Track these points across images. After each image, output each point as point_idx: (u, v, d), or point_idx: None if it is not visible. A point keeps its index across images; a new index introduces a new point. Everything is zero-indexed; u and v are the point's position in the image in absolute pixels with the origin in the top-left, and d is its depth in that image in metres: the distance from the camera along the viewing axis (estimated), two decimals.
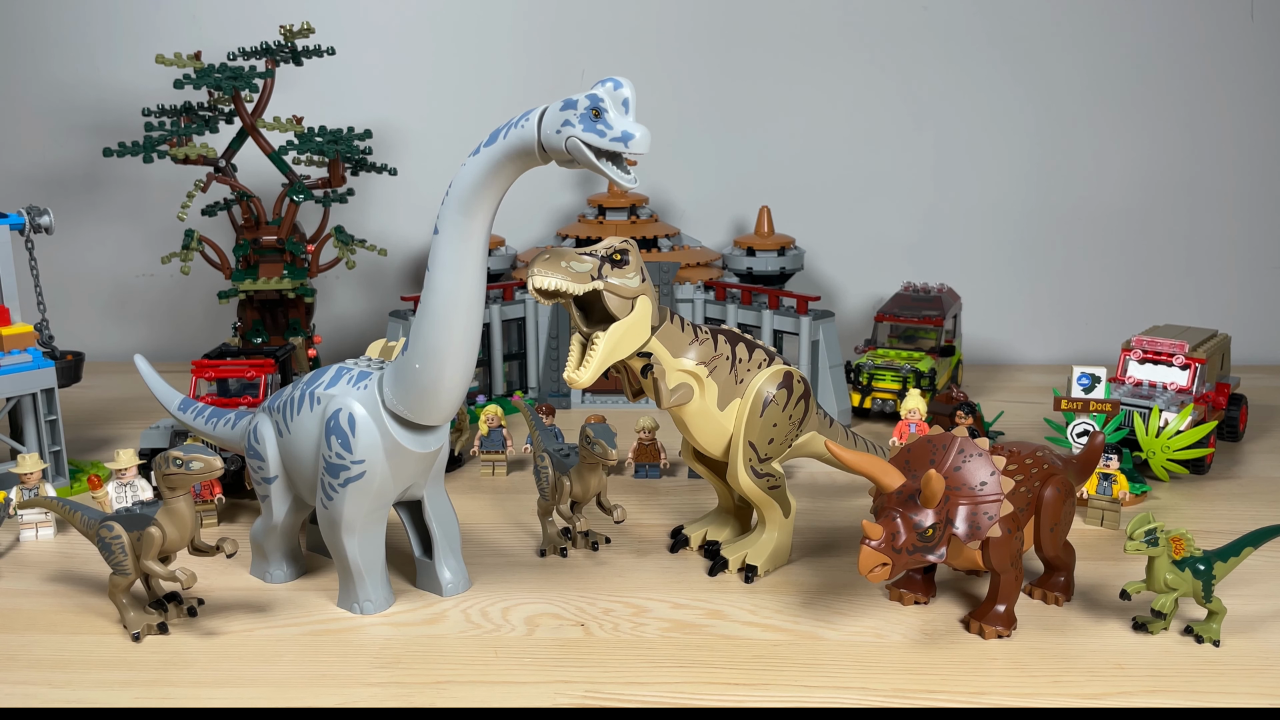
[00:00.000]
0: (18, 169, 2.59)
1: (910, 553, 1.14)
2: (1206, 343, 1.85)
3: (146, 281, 2.69)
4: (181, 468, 1.20)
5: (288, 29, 2.11)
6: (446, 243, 1.14)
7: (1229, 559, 1.24)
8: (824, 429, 1.49)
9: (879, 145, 2.59)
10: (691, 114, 2.58)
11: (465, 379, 1.21)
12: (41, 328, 1.77)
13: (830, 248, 2.63)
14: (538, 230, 2.62)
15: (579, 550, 1.51)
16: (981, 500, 1.18)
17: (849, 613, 1.31)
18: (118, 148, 1.99)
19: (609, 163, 1.06)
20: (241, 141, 2.17)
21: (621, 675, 1.16)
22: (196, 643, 1.24)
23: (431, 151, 2.56)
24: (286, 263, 2.17)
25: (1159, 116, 2.55)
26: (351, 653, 1.22)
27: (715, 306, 2.22)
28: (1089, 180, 2.59)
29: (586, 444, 1.40)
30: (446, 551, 1.37)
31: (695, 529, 1.52)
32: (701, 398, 1.35)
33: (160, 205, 2.54)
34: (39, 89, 2.57)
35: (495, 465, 1.83)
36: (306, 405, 1.29)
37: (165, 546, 1.23)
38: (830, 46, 2.55)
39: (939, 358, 2.18)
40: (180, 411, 1.53)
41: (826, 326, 2.09)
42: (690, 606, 1.33)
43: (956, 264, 2.61)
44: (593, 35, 2.56)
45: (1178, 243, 2.61)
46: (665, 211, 2.62)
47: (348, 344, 2.66)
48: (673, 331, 1.33)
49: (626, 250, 1.25)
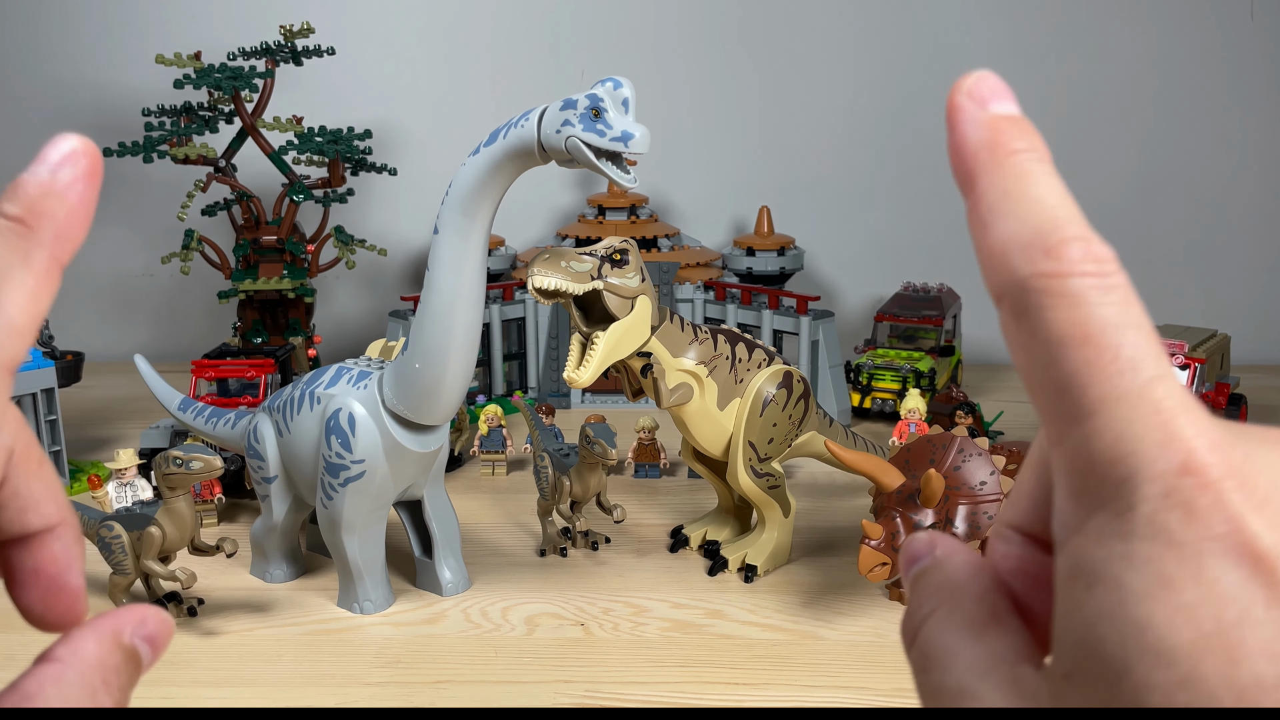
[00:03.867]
0: (18, 169, 2.58)
1: None
2: (1206, 343, 1.85)
3: (146, 281, 2.69)
4: (181, 468, 1.20)
5: (288, 29, 2.11)
6: (446, 242, 1.14)
7: None
8: (824, 429, 1.49)
9: (879, 145, 2.59)
10: (692, 114, 2.58)
11: (465, 379, 1.21)
12: (41, 328, 1.77)
13: (830, 248, 2.63)
14: (538, 230, 2.62)
15: (579, 550, 1.51)
16: (981, 500, 1.18)
17: (849, 613, 1.31)
18: (118, 148, 1.99)
19: (609, 162, 1.06)
20: (241, 141, 2.17)
21: (621, 675, 1.17)
22: (196, 643, 1.24)
23: (431, 151, 2.56)
24: (286, 263, 2.17)
25: (1159, 116, 2.55)
26: (351, 652, 1.22)
27: (715, 306, 2.22)
28: (1088, 180, 2.59)
29: (586, 444, 1.40)
30: (446, 551, 1.37)
31: (695, 529, 1.52)
32: (701, 397, 1.35)
33: (160, 205, 2.54)
34: (39, 89, 2.57)
35: (495, 465, 1.83)
36: (306, 405, 1.29)
37: (165, 546, 1.23)
38: (830, 46, 2.55)
39: (939, 358, 2.18)
40: (180, 411, 1.53)
41: (826, 326, 2.09)
42: (690, 606, 1.33)
43: (956, 264, 2.61)
44: (593, 35, 2.56)
45: (1178, 243, 2.61)
46: (665, 211, 2.62)
47: (348, 344, 2.65)
48: (672, 331, 1.33)
49: (626, 250, 1.25)
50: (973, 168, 0.32)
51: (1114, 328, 0.28)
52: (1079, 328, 0.28)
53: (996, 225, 0.31)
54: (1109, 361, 0.28)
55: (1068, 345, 0.28)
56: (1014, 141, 0.32)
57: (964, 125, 0.33)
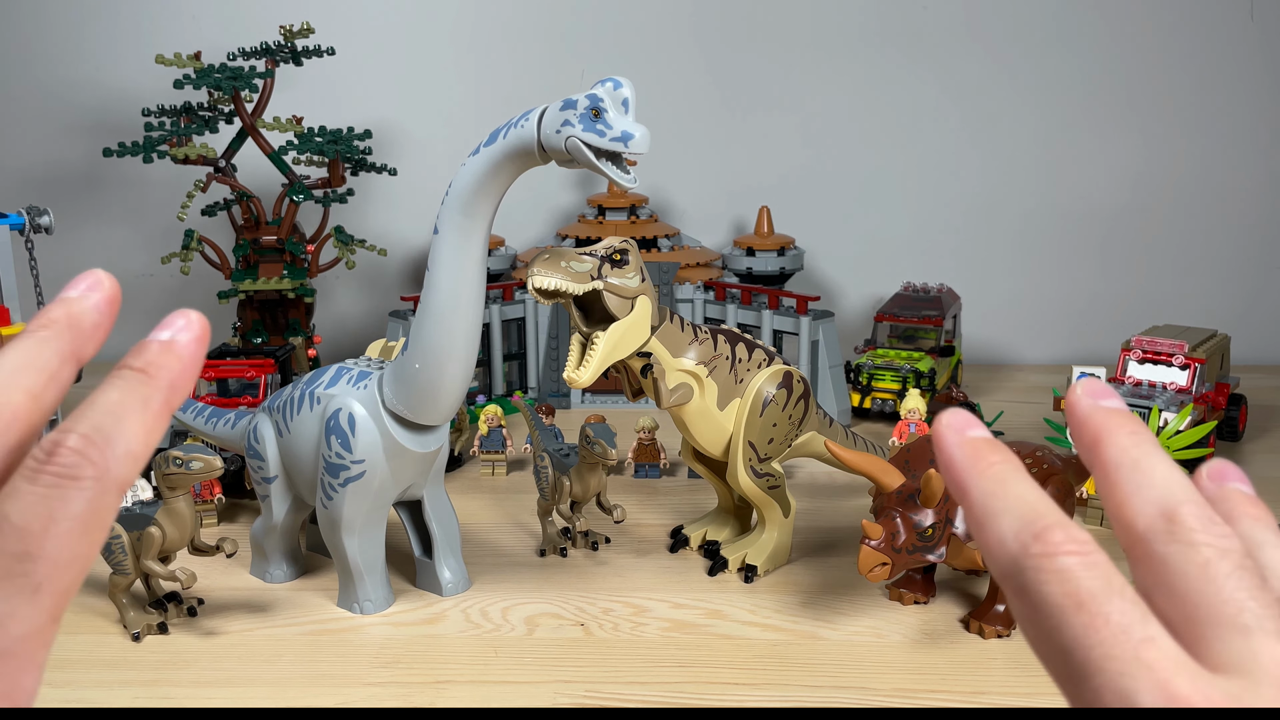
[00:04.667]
0: (18, 169, 2.59)
1: (910, 552, 1.14)
2: (1206, 343, 1.85)
3: (146, 281, 2.69)
4: (181, 468, 1.20)
5: (288, 29, 2.11)
6: (446, 242, 1.14)
7: None
8: (824, 429, 1.49)
9: (879, 145, 2.59)
10: (692, 114, 2.58)
11: (465, 379, 1.21)
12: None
13: (830, 248, 2.63)
14: (538, 230, 2.62)
15: (579, 550, 1.51)
16: None
17: (849, 613, 1.31)
18: (118, 148, 1.99)
19: (609, 162, 1.06)
20: (241, 141, 2.17)
21: (621, 675, 1.17)
22: (196, 642, 1.24)
23: (431, 151, 2.56)
24: (286, 263, 2.17)
25: (1159, 116, 2.55)
26: (351, 652, 1.22)
27: (715, 306, 2.22)
28: (1089, 180, 2.59)
29: (586, 444, 1.40)
30: (446, 551, 1.37)
31: (695, 529, 1.52)
32: (701, 397, 1.35)
33: (160, 205, 2.54)
34: (39, 89, 2.57)
35: (495, 465, 1.83)
36: (306, 405, 1.29)
37: (165, 546, 1.23)
38: (830, 46, 2.55)
39: (939, 358, 2.18)
40: (180, 411, 1.53)
41: (826, 326, 2.09)
42: (690, 606, 1.33)
43: (956, 264, 2.61)
44: (593, 35, 2.56)
45: (1177, 243, 2.61)
46: (665, 211, 2.62)
47: (348, 344, 2.65)
48: (672, 331, 1.33)
49: (626, 250, 1.25)
50: (962, 479, 0.39)
51: (1101, 596, 0.34)
52: (1071, 597, 0.34)
53: (990, 521, 0.37)
54: (1101, 625, 0.33)
55: (1065, 613, 0.34)
56: (991, 455, 0.39)
57: (950, 449, 0.40)
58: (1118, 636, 0.33)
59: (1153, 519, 0.37)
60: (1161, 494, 0.37)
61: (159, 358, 0.41)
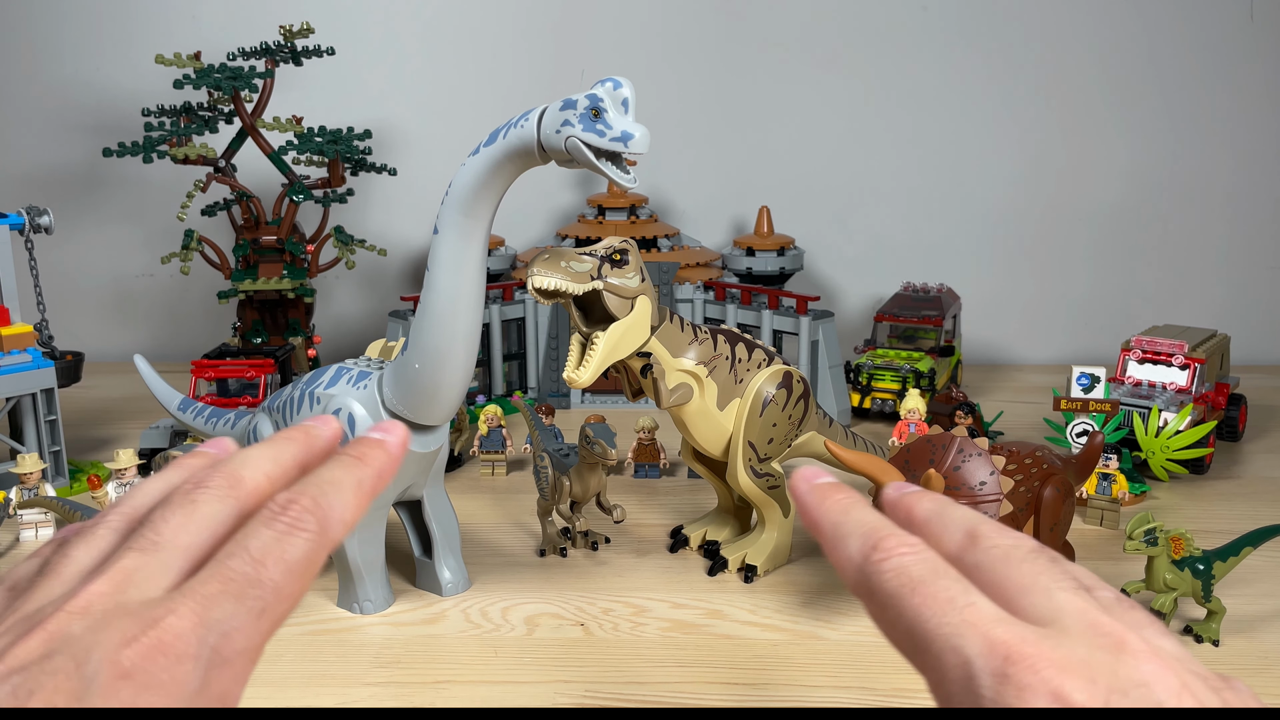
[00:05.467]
0: (18, 169, 2.59)
1: None
2: (1206, 343, 1.85)
3: (146, 281, 2.69)
4: None
5: (288, 29, 2.11)
6: (446, 243, 1.14)
7: (1228, 559, 1.24)
8: (823, 429, 1.49)
9: (879, 145, 2.59)
10: (691, 114, 2.58)
11: (465, 379, 1.21)
12: (41, 328, 1.77)
13: (830, 248, 2.63)
14: (538, 230, 2.62)
15: (579, 550, 1.51)
16: (981, 500, 1.18)
17: (849, 613, 1.31)
18: (118, 148, 1.99)
19: (608, 162, 1.06)
20: (241, 141, 2.17)
21: (621, 675, 1.17)
22: None
23: (431, 151, 2.56)
24: (286, 263, 2.17)
25: (1159, 116, 2.55)
26: (351, 652, 1.22)
27: (715, 306, 2.22)
28: (1089, 180, 2.59)
29: (586, 444, 1.40)
30: (446, 551, 1.37)
31: (695, 529, 1.52)
32: (701, 398, 1.35)
33: (160, 205, 2.54)
34: (39, 89, 2.57)
35: (495, 465, 1.83)
36: (306, 405, 1.29)
37: None
38: (830, 46, 2.55)
39: (939, 358, 2.18)
40: (180, 411, 1.53)
41: (826, 326, 2.09)
42: (690, 606, 1.33)
43: (956, 264, 2.61)
44: (593, 35, 2.56)
45: (1177, 242, 2.61)
46: (665, 211, 2.62)
47: (348, 344, 2.66)
48: (672, 331, 1.33)
49: (626, 250, 1.25)
50: (814, 515, 0.47)
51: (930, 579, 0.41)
52: (907, 585, 0.41)
53: (840, 544, 0.45)
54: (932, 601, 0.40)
55: (903, 597, 0.41)
56: (835, 493, 0.47)
57: (802, 494, 0.48)
58: (945, 607, 0.40)
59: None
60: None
61: (372, 450, 0.48)
